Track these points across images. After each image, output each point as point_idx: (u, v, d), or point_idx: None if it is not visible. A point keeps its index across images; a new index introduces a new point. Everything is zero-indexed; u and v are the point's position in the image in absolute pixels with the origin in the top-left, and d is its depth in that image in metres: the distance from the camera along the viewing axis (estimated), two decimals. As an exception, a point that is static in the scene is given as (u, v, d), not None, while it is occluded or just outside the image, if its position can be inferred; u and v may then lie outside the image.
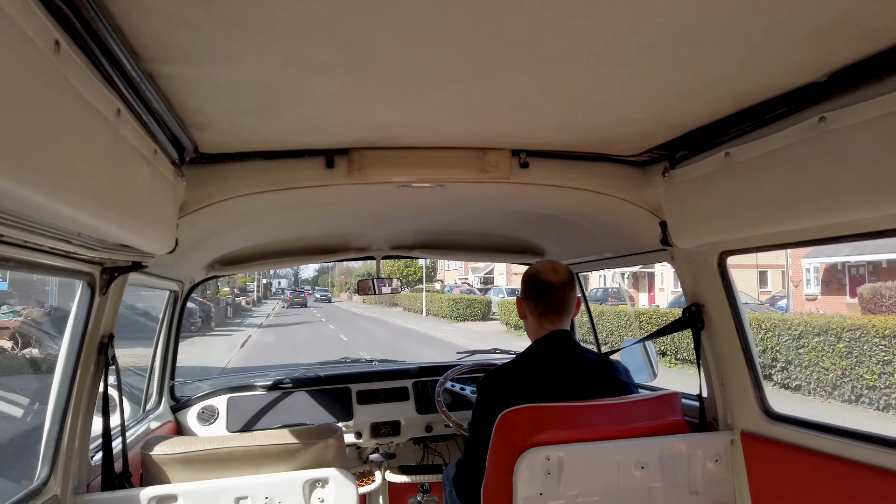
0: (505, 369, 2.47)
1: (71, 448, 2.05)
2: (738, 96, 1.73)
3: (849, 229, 1.79)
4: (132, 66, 1.33)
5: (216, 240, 3.02)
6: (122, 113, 1.41)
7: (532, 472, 2.07)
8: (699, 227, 2.21)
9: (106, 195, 1.37)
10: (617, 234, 3.00)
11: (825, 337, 12.88)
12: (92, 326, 2.09)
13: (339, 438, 2.42)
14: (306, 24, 1.22)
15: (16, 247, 1.47)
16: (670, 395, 2.43)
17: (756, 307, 24.65)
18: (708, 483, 2.32)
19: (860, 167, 1.52)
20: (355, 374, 3.98)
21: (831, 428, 2.08)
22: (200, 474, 2.24)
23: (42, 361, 10.22)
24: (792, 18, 1.24)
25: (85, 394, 2.12)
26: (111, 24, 1.18)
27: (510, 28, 1.26)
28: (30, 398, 7.75)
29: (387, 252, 4.00)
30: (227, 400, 3.67)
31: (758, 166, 1.85)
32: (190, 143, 1.94)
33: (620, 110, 1.85)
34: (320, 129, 2.02)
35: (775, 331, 14.02)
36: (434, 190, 2.47)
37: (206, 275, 3.60)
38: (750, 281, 29.75)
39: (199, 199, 2.23)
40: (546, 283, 2.50)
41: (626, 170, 2.47)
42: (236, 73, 1.47)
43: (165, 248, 2.01)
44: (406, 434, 3.86)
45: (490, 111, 1.86)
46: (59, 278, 2.17)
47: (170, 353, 3.48)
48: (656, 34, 1.31)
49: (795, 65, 1.49)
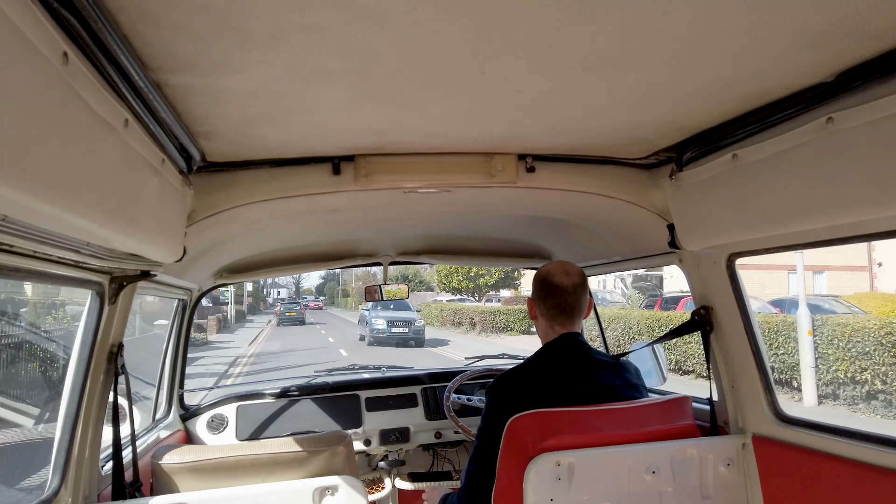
0: (515, 373, 2.46)
1: (81, 457, 2.06)
2: (744, 97, 1.72)
3: (857, 230, 1.78)
4: (140, 76, 1.33)
5: (224, 248, 3.03)
6: (131, 123, 1.42)
7: (542, 477, 2.06)
8: (707, 230, 2.20)
9: (115, 205, 1.38)
10: (624, 238, 2.99)
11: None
12: (101, 336, 2.10)
13: (348, 446, 2.42)
14: (312, 32, 1.23)
15: (25, 257, 1.48)
16: (681, 399, 2.41)
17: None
18: (720, 487, 2.30)
19: (869, 167, 1.51)
20: (364, 381, 3.98)
21: (845, 431, 2.06)
22: (210, 483, 2.24)
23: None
24: (798, 19, 1.24)
25: (95, 403, 2.12)
26: (119, 34, 1.19)
27: (514, 33, 1.27)
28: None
29: (394, 258, 4.00)
30: (236, 408, 3.68)
31: (765, 168, 1.84)
32: (197, 152, 1.95)
33: (626, 113, 1.84)
34: (327, 137, 2.02)
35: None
36: (440, 195, 2.47)
37: (214, 283, 3.62)
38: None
39: (207, 207, 2.24)
40: (557, 286, 2.48)
41: (633, 173, 2.46)
42: (243, 82, 1.48)
43: (174, 256, 2.02)
44: (415, 441, 3.85)
45: (495, 116, 1.86)
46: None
47: (178, 362, 3.49)
48: (662, 37, 1.30)
49: (802, 65, 1.49)
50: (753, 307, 2.59)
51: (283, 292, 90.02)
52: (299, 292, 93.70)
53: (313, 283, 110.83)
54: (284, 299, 69.24)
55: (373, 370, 4.27)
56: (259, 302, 73.81)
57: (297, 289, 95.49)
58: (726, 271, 2.39)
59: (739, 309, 2.40)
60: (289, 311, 44.67)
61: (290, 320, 42.73)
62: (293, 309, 45.27)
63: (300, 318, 43.87)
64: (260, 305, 73.61)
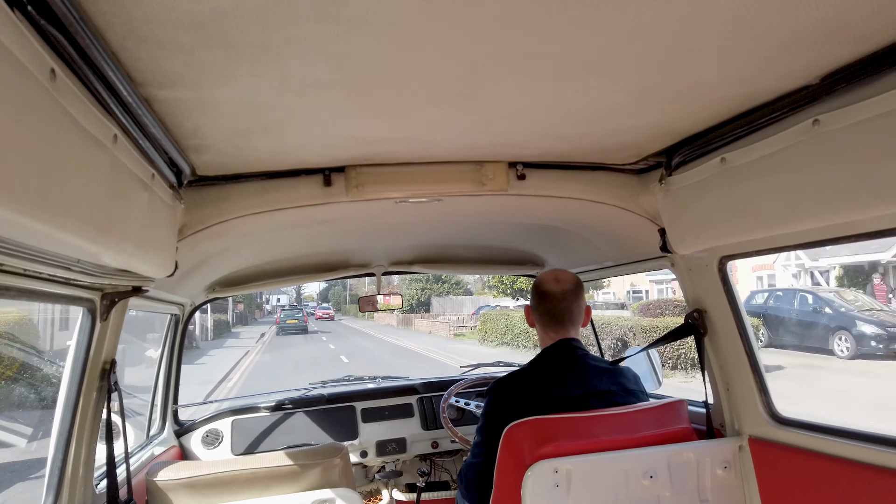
0: (513, 376, 2.47)
1: (75, 476, 2.04)
2: (731, 101, 1.74)
3: (846, 230, 1.79)
4: (128, 91, 1.33)
5: (216, 261, 3.02)
6: (119, 138, 1.42)
7: (540, 485, 2.06)
8: (698, 233, 2.21)
9: (104, 221, 1.37)
10: (616, 243, 3.00)
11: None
12: (94, 353, 2.08)
13: (344, 458, 2.40)
14: (301, 44, 1.23)
15: (15, 275, 1.47)
16: (676, 403, 2.41)
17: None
18: (717, 490, 2.30)
19: (855, 168, 1.52)
20: (359, 392, 3.96)
21: (842, 431, 2.07)
22: (206, 499, 2.22)
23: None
24: (782, 23, 1.25)
25: (88, 421, 2.10)
26: (107, 50, 1.18)
27: (503, 41, 1.27)
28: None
29: (387, 268, 4.00)
30: (231, 423, 3.65)
31: (754, 170, 1.85)
32: (187, 166, 1.95)
33: (615, 119, 1.85)
34: (317, 148, 2.02)
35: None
36: (432, 204, 2.47)
37: (206, 297, 3.60)
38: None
39: (198, 221, 2.23)
40: (547, 293, 2.52)
41: (623, 178, 2.48)
42: (233, 95, 1.48)
43: (165, 271, 2.01)
44: (412, 451, 3.83)
45: (485, 124, 1.86)
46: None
47: (172, 378, 3.46)
48: (648, 43, 1.31)
49: (788, 69, 1.50)
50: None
51: (283, 299, 78.79)
52: (300, 298, 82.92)
53: (315, 289, 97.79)
54: (285, 306, 59.27)
55: (368, 381, 4.26)
56: (254, 309, 62.72)
57: (299, 295, 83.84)
58: (718, 274, 2.40)
59: (732, 311, 2.41)
60: (290, 318, 40.84)
61: (290, 329, 38.86)
62: (294, 316, 41.53)
63: (302, 325, 40.21)
64: (255, 313, 63.05)
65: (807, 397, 11.68)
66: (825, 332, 17.23)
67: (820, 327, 17.49)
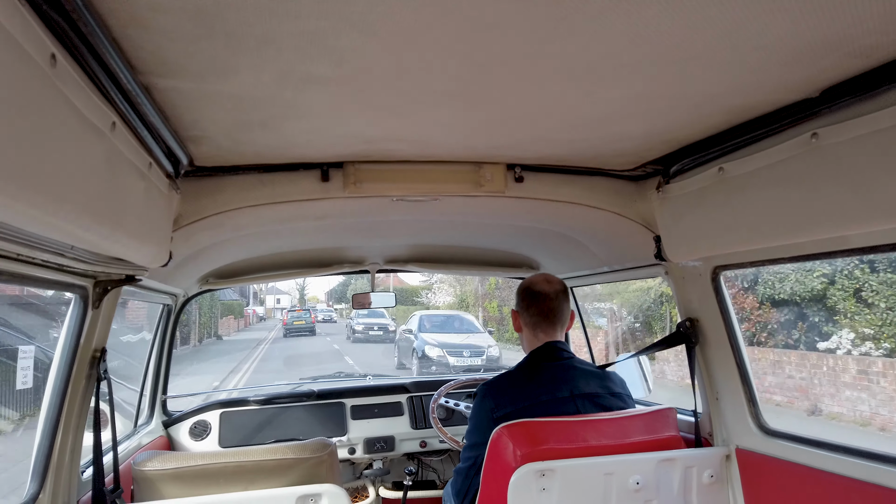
0: (501, 378, 2.48)
1: (61, 463, 2.03)
2: (731, 112, 1.74)
3: (841, 245, 1.80)
4: (128, 79, 1.33)
5: (210, 253, 3.01)
6: (118, 126, 1.41)
7: (526, 488, 2.06)
8: (693, 242, 2.22)
9: (100, 208, 1.37)
10: (611, 249, 3.01)
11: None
12: (84, 340, 2.07)
13: (332, 454, 2.40)
14: (302, 39, 1.23)
15: (8, 260, 1.46)
16: (665, 410, 2.42)
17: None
18: (703, 499, 2.30)
19: (852, 183, 1.53)
20: (349, 389, 3.96)
21: (828, 444, 2.08)
22: (192, 490, 2.21)
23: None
24: (783, 36, 1.25)
25: (76, 408, 2.09)
26: (108, 37, 1.18)
27: (504, 44, 1.27)
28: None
29: (381, 266, 4.00)
30: (219, 415, 3.64)
31: (751, 182, 1.86)
32: (185, 156, 1.94)
33: (614, 125, 1.86)
34: (316, 143, 2.02)
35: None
36: (429, 204, 2.47)
37: (199, 288, 3.59)
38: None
39: (194, 212, 2.23)
40: (539, 293, 2.54)
41: (620, 184, 2.48)
42: (233, 88, 1.47)
43: (159, 261, 2.00)
44: (400, 449, 3.83)
45: (485, 126, 1.86)
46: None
47: (162, 368, 3.45)
48: (649, 51, 1.32)
49: (788, 81, 1.51)
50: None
51: (283, 300, 69.39)
52: (303, 299, 69.18)
53: (320, 290, 77.63)
54: (286, 308, 54.96)
55: (358, 378, 4.25)
56: (238, 317, 45.58)
57: (302, 296, 70.19)
58: (711, 284, 2.41)
59: (724, 322, 2.42)
60: (297, 319, 39.88)
61: (297, 330, 37.84)
62: (302, 317, 40.25)
63: (309, 326, 38.80)
64: (240, 323, 46.31)
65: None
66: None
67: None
